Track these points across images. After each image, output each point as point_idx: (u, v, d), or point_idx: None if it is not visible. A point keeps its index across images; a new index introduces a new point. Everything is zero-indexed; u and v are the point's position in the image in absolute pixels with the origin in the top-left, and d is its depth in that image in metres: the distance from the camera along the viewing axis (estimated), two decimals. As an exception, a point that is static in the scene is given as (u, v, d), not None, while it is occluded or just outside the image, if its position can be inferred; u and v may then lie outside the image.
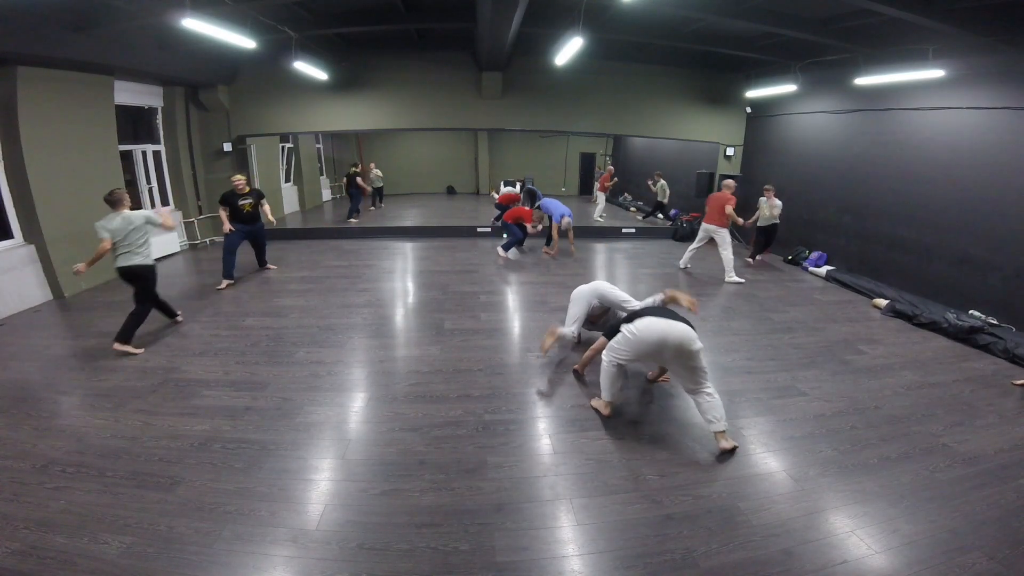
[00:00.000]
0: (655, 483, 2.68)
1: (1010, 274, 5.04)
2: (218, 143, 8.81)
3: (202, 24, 4.66)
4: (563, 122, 9.57)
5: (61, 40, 5.09)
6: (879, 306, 5.77)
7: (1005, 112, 5.07)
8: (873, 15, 5.30)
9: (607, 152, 16.83)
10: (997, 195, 5.16)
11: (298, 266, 7.27)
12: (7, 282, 5.17)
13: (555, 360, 4.18)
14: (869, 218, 6.84)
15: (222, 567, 2.11)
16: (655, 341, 2.94)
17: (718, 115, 9.56)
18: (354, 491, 2.59)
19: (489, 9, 5.04)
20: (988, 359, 4.43)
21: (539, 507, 2.49)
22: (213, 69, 7.95)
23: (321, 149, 14.93)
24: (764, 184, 7.70)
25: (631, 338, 3.02)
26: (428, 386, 3.71)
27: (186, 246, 8.39)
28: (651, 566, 2.14)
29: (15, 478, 2.62)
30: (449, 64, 8.80)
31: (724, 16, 5.63)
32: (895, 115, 6.40)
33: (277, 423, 3.20)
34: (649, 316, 3.03)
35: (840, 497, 2.59)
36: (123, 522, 2.32)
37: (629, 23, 6.61)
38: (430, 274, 6.98)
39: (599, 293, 4.15)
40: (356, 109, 9.04)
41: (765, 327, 5.09)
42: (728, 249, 6.76)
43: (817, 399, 3.63)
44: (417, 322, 5.08)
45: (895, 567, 2.15)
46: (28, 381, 3.75)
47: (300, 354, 4.24)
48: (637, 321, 3.04)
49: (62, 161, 5.73)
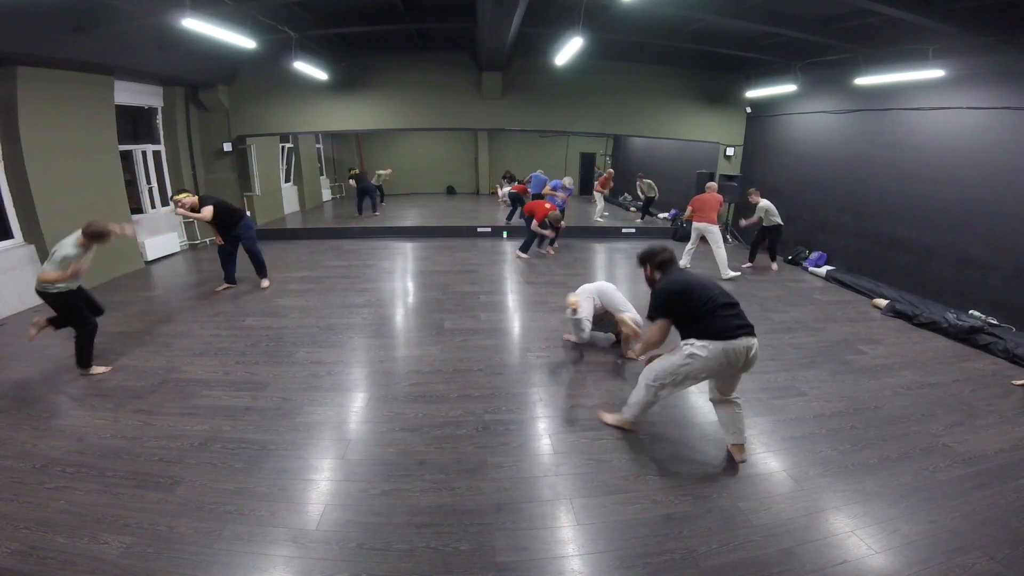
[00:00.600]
0: (655, 483, 2.68)
1: (1010, 274, 5.03)
2: (218, 143, 8.82)
3: (202, 24, 4.66)
4: (563, 122, 9.57)
5: (61, 40, 5.09)
6: (879, 306, 5.77)
7: (1005, 112, 5.06)
8: (873, 15, 5.30)
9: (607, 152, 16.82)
10: (997, 195, 5.15)
11: (298, 266, 7.27)
12: (7, 282, 5.17)
13: (555, 360, 4.18)
14: (869, 218, 6.84)
15: (222, 567, 2.11)
16: (742, 350, 2.58)
17: (718, 115, 9.56)
18: (354, 491, 2.58)
19: (489, 9, 5.04)
20: (988, 359, 4.43)
21: (539, 507, 2.49)
22: (213, 69, 7.95)
23: (321, 149, 14.92)
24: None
25: (706, 355, 2.59)
26: (428, 386, 3.71)
27: (186, 246, 8.39)
28: (651, 566, 2.14)
29: (15, 478, 2.62)
30: (449, 64, 8.80)
31: (724, 16, 5.63)
32: (895, 115, 6.40)
33: (277, 423, 3.20)
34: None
35: (840, 497, 2.59)
36: (123, 522, 2.32)
37: (629, 23, 6.61)
38: (430, 274, 6.98)
39: (602, 293, 4.14)
40: (356, 109, 9.05)
41: (765, 327, 5.08)
42: (721, 248, 6.83)
43: (817, 399, 3.63)
44: (417, 322, 5.08)
45: (895, 567, 2.15)
46: (28, 381, 3.75)
47: (300, 354, 4.23)
48: (705, 336, 2.61)
49: (62, 161, 5.73)
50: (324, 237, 9.49)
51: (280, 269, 7.02)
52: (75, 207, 5.80)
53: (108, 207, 6.46)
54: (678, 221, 10.18)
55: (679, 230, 9.76)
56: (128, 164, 7.45)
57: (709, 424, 3.27)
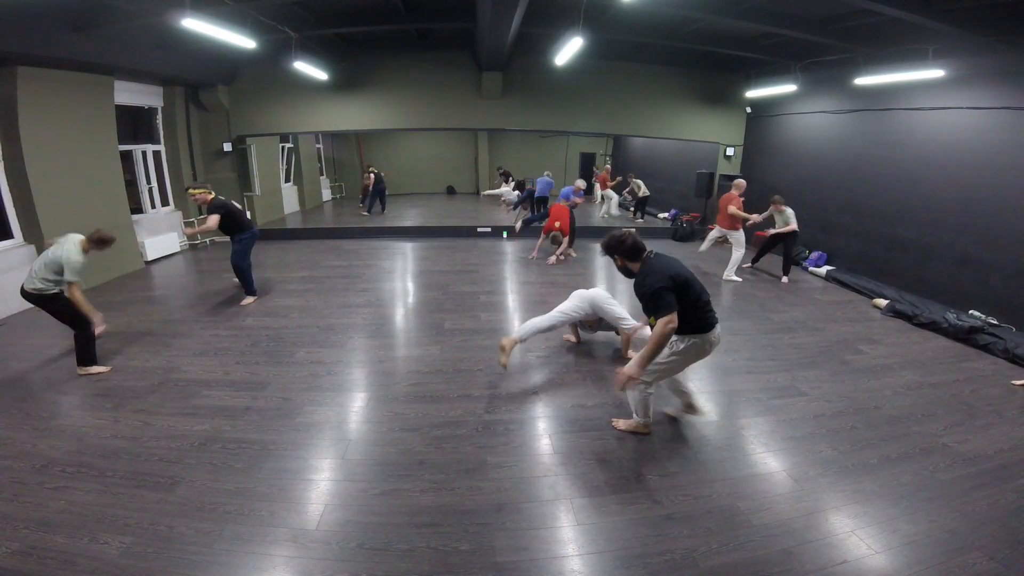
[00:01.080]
0: (655, 483, 2.68)
1: (1010, 274, 5.03)
2: (218, 143, 8.82)
3: (202, 24, 4.66)
4: (563, 122, 9.57)
5: (61, 40, 5.09)
6: (879, 306, 5.77)
7: (1005, 112, 5.07)
8: (873, 15, 5.30)
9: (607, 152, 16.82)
10: (997, 195, 5.16)
11: (298, 266, 7.27)
12: (7, 282, 5.16)
13: (555, 360, 4.18)
14: (869, 218, 6.84)
15: (222, 567, 2.11)
16: (717, 339, 2.73)
17: (718, 115, 9.56)
18: (354, 491, 2.58)
19: (489, 9, 5.04)
20: (988, 359, 4.43)
21: (539, 507, 2.49)
22: (213, 69, 7.95)
23: (321, 149, 14.92)
24: (773, 192, 7.30)
25: (688, 348, 2.71)
26: (428, 386, 3.71)
27: (186, 246, 8.38)
28: (651, 566, 2.14)
29: (15, 478, 2.62)
30: (449, 64, 8.80)
31: (724, 16, 5.62)
32: (895, 115, 6.40)
33: (277, 423, 3.20)
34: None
35: (840, 497, 2.59)
36: (123, 522, 2.32)
37: (629, 23, 6.61)
38: (430, 274, 6.98)
39: (595, 303, 3.97)
40: (356, 109, 9.05)
41: (765, 327, 5.09)
42: (740, 250, 6.77)
43: (817, 399, 3.63)
44: (417, 322, 5.08)
45: (895, 567, 2.15)
46: (28, 381, 3.75)
47: (300, 354, 4.24)
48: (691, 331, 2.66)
49: (62, 161, 5.73)
50: (324, 237, 9.49)
51: (280, 269, 7.02)
52: (75, 207, 5.80)
53: (108, 207, 6.47)
54: (678, 221, 10.17)
55: (679, 230, 9.76)
56: (128, 164, 7.44)
57: (709, 424, 3.28)
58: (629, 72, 9.09)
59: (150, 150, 7.87)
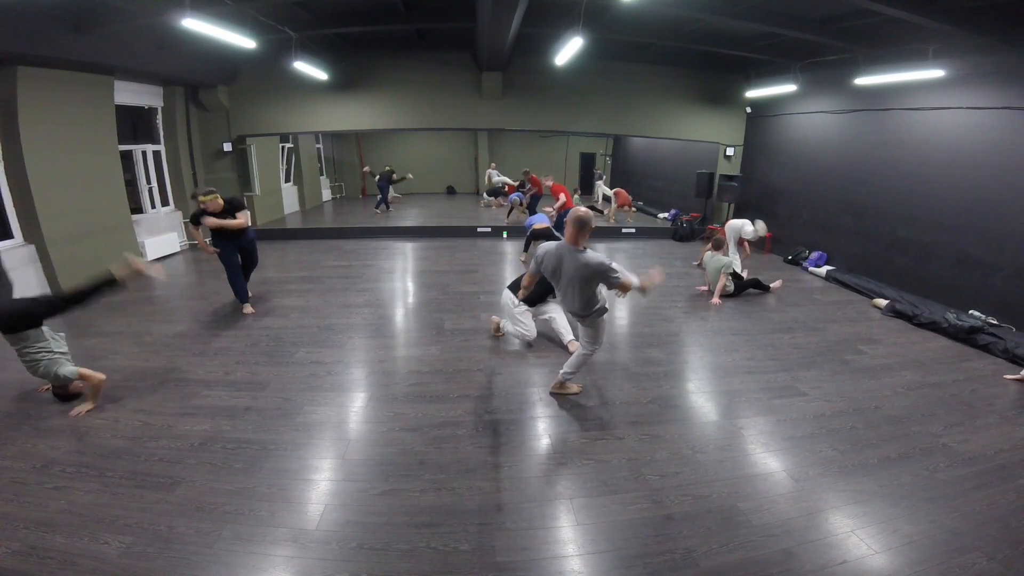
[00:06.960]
0: (655, 483, 2.68)
1: (1010, 274, 5.03)
2: (218, 143, 8.82)
3: (202, 24, 4.65)
4: (563, 122, 9.57)
5: (61, 40, 5.09)
6: (879, 306, 5.77)
7: (1005, 112, 5.06)
8: (873, 15, 5.30)
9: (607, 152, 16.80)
10: (997, 195, 5.15)
11: (298, 266, 7.27)
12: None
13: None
14: (869, 218, 6.84)
15: (222, 567, 2.11)
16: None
17: (718, 115, 9.56)
18: (354, 491, 2.58)
19: (489, 9, 5.04)
20: (988, 359, 4.43)
21: (539, 507, 2.49)
22: (213, 69, 7.95)
23: (321, 149, 14.92)
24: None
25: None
26: (428, 386, 3.71)
27: (186, 246, 8.38)
28: (651, 566, 2.14)
29: (15, 478, 2.62)
30: (449, 64, 8.80)
31: (724, 16, 5.62)
32: (895, 115, 6.40)
33: (277, 423, 3.19)
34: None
35: (840, 497, 2.59)
36: (123, 522, 2.32)
37: (629, 23, 6.61)
38: (430, 274, 6.98)
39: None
40: (356, 109, 9.05)
41: (765, 327, 5.09)
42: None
43: (817, 399, 3.63)
44: (417, 322, 5.08)
45: (895, 567, 2.15)
46: (28, 381, 3.74)
47: (300, 354, 4.23)
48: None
49: (62, 161, 5.73)
50: (324, 237, 9.49)
51: (280, 269, 7.02)
52: (75, 207, 5.80)
53: (108, 207, 6.47)
54: (678, 221, 10.17)
55: (679, 230, 9.76)
56: (128, 164, 7.44)
57: (709, 424, 3.28)
58: (629, 72, 9.09)
59: (150, 150, 7.87)
